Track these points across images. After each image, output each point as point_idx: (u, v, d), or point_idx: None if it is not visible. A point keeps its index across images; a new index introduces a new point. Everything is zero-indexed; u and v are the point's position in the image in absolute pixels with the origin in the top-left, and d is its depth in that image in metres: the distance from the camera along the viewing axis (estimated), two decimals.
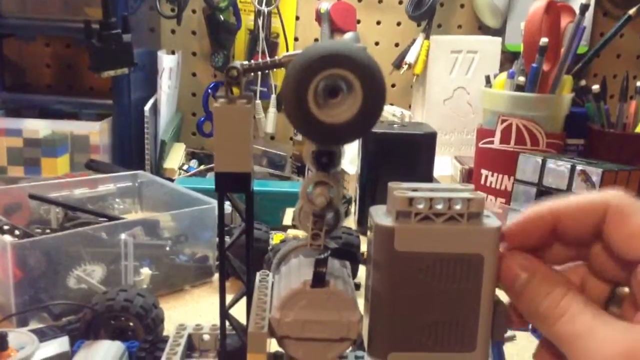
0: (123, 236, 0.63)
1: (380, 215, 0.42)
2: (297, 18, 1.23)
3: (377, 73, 0.38)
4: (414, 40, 1.18)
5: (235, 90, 0.41)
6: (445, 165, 1.16)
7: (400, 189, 0.42)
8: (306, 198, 0.44)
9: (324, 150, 0.43)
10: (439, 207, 0.40)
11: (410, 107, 1.25)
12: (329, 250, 0.43)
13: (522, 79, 0.90)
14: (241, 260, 0.46)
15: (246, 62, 0.41)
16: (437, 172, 1.05)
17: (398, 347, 0.41)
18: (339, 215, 0.47)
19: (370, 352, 0.42)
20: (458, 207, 0.40)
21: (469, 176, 1.06)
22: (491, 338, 0.42)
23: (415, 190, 0.42)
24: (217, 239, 0.68)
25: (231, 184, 0.41)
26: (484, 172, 0.96)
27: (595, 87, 0.93)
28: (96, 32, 0.85)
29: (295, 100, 0.38)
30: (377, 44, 1.26)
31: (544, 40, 0.86)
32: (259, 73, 1.14)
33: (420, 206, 0.40)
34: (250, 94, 0.41)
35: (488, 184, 0.95)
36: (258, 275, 0.47)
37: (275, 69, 0.42)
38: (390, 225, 0.40)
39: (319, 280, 0.41)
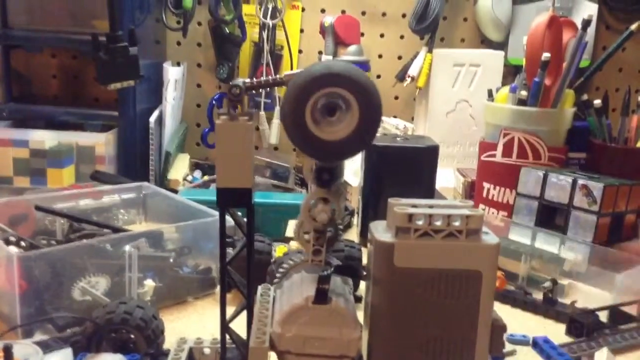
0: (127, 248, 0.64)
1: (380, 230, 0.43)
2: (302, 31, 1.24)
3: (374, 92, 0.39)
4: (417, 54, 1.19)
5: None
6: (448, 178, 1.16)
7: (400, 205, 0.43)
8: (308, 214, 0.45)
9: (325, 167, 0.44)
10: (438, 223, 0.41)
11: (413, 119, 1.26)
12: (332, 268, 0.44)
13: (524, 93, 0.91)
14: (243, 273, 0.47)
15: (248, 80, 0.42)
16: (439, 184, 1.06)
17: None
18: (338, 231, 0.47)
19: None
20: (457, 223, 0.41)
21: (471, 189, 1.06)
22: (489, 353, 0.42)
23: (414, 206, 0.43)
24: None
25: (232, 199, 0.42)
26: (486, 185, 0.97)
27: (597, 102, 0.93)
28: (103, 45, 0.86)
29: (294, 118, 0.39)
30: (380, 56, 1.26)
31: (546, 55, 0.87)
32: None
33: (420, 222, 0.41)
34: (252, 111, 0.42)
35: (490, 197, 0.96)
36: (259, 289, 0.48)
37: (276, 87, 0.43)
38: (389, 241, 0.41)
39: (321, 297, 0.41)
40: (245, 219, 0.44)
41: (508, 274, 0.75)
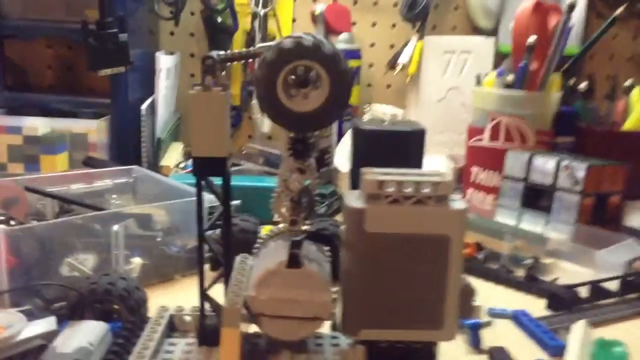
0: (115, 227, 0.65)
1: (352, 198, 0.44)
2: (294, 20, 1.25)
3: (343, 64, 0.41)
4: (407, 41, 1.20)
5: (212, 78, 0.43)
6: (440, 164, 1.17)
7: (371, 173, 0.44)
8: (283, 185, 0.46)
9: (299, 138, 0.45)
10: (408, 190, 0.42)
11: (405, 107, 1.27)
12: (305, 234, 0.45)
13: (510, 77, 0.92)
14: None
15: (222, 52, 0.43)
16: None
17: (369, 324, 0.43)
18: (313, 203, 0.49)
19: (344, 329, 0.44)
20: (426, 190, 0.42)
21: (461, 174, 1.07)
22: (459, 315, 0.44)
23: (386, 174, 0.44)
24: (208, 231, 0.70)
25: (208, 168, 0.43)
26: (474, 169, 0.98)
27: (583, 86, 0.94)
28: (93, 32, 0.88)
29: (265, 90, 0.40)
30: (372, 45, 1.27)
31: (531, 39, 0.88)
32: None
33: (390, 189, 0.42)
34: (227, 83, 0.43)
35: (478, 181, 0.97)
36: (238, 258, 0.49)
37: (250, 60, 0.44)
38: (361, 207, 0.42)
39: (294, 261, 0.43)
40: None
41: (492, 254, 0.76)
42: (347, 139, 1.01)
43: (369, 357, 0.44)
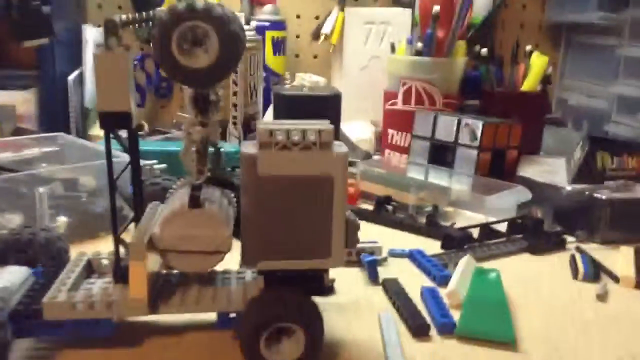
0: (41, 189, 0.69)
1: (247, 146, 0.49)
2: None
3: (231, 24, 0.46)
4: (330, 12, 1.25)
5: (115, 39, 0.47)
6: (364, 129, 1.24)
7: (264, 124, 0.49)
8: (188, 137, 0.51)
9: (200, 95, 0.50)
10: (296, 138, 0.48)
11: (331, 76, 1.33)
12: (205, 179, 0.51)
13: (420, 44, 0.99)
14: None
15: (124, 15, 0.48)
16: (357, 136, 1.14)
17: (266, 256, 0.49)
18: (219, 154, 0.54)
19: (244, 262, 0.50)
20: (311, 137, 0.48)
21: (381, 137, 1.14)
22: (345, 247, 0.50)
23: (277, 124, 0.49)
24: (130, 192, 0.74)
25: (114, 122, 0.47)
26: (390, 131, 1.05)
27: (484, 51, 1.02)
28: (16, 5, 0.89)
29: (161, 48, 0.45)
30: (298, 17, 1.32)
31: (435, 8, 0.95)
32: None
33: (280, 137, 0.48)
34: (128, 44, 0.48)
35: (394, 142, 1.04)
36: (150, 205, 0.54)
37: (150, 22, 0.48)
38: (253, 153, 0.48)
39: (194, 202, 0.48)
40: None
41: (401, 205, 0.83)
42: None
43: (267, 285, 0.50)
